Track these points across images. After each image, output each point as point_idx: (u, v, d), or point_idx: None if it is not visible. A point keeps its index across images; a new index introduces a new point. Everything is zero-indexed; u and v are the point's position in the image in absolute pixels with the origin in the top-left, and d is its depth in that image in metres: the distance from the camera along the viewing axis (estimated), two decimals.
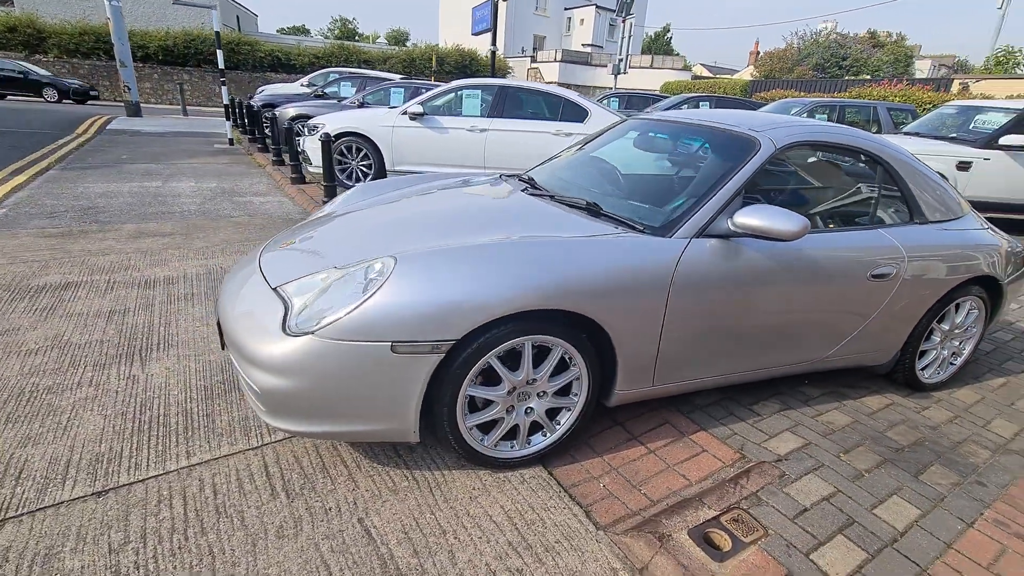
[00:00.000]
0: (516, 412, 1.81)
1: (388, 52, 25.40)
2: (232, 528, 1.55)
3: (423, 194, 2.60)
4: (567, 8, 39.87)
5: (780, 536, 1.65)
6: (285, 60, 22.48)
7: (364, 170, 6.32)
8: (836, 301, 2.21)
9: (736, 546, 1.59)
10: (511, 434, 1.85)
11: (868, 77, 23.31)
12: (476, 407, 1.77)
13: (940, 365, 2.68)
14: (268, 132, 9.12)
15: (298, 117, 8.07)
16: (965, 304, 2.59)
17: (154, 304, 3.04)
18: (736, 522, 1.68)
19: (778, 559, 1.56)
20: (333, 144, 5.68)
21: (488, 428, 1.82)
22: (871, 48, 31.08)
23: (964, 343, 2.73)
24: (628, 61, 17.84)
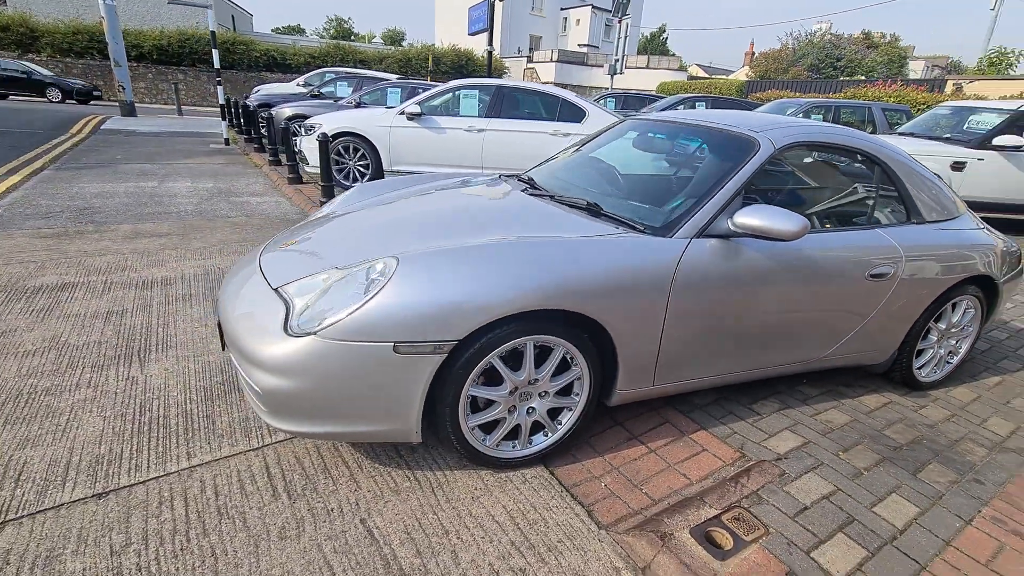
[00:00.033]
0: (518, 412, 1.82)
1: (384, 52, 25.36)
2: (234, 529, 1.55)
3: (423, 194, 2.60)
4: (563, 8, 39.93)
5: (781, 534, 1.66)
6: (281, 60, 22.41)
7: (361, 170, 6.31)
8: (835, 301, 2.23)
9: (737, 545, 1.60)
10: (513, 434, 1.86)
11: (863, 78, 23.44)
12: (478, 407, 1.77)
13: (937, 364, 2.70)
14: (264, 132, 9.08)
15: (295, 117, 8.05)
16: (961, 303, 2.61)
17: (152, 305, 3.03)
18: (737, 521, 1.69)
19: (779, 557, 1.57)
20: (330, 144, 5.66)
21: (490, 428, 1.82)
22: (865, 49, 31.25)
23: (960, 342, 2.75)
24: (624, 61, 17.89)
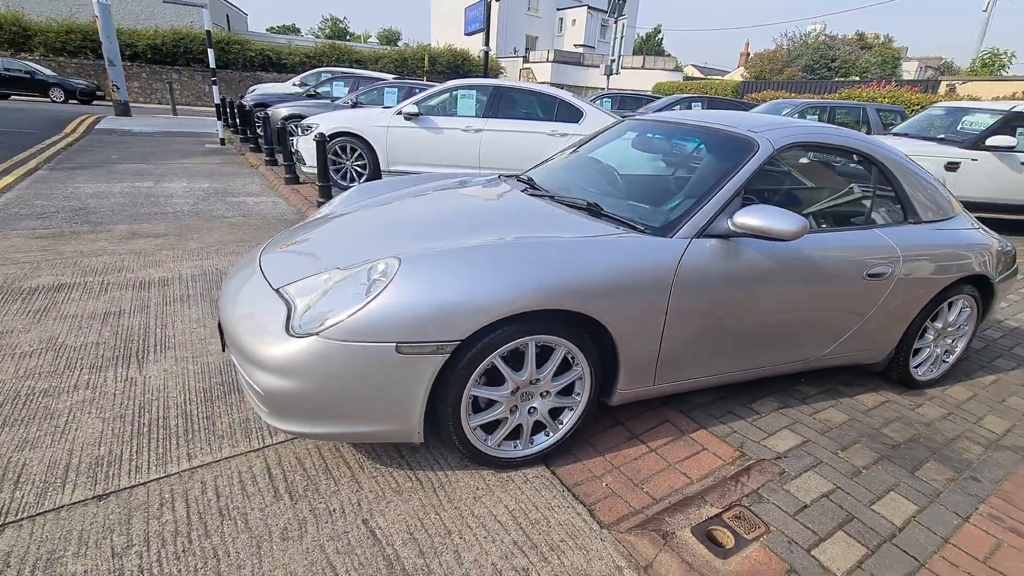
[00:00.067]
0: (519, 412, 1.82)
1: (380, 52, 25.31)
2: (236, 530, 1.54)
3: (422, 195, 2.59)
4: (559, 9, 39.96)
5: (782, 532, 1.67)
6: (276, 59, 22.32)
7: (359, 170, 6.30)
8: (834, 300, 2.24)
9: (739, 543, 1.61)
10: (514, 434, 1.86)
11: (857, 79, 23.58)
12: (479, 407, 1.78)
13: (933, 363, 2.73)
14: (260, 132, 9.05)
15: (291, 117, 8.02)
16: (958, 302, 2.63)
17: (149, 306, 3.01)
18: (738, 519, 1.70)
19: (780, 555, 1.58)
20: (328, 144, 5.65)
21: (491, 428, 1.82)
22: (859, 50, 31.46)
23: (956, 341, 2.78)
24: (620, 62, 17.91)
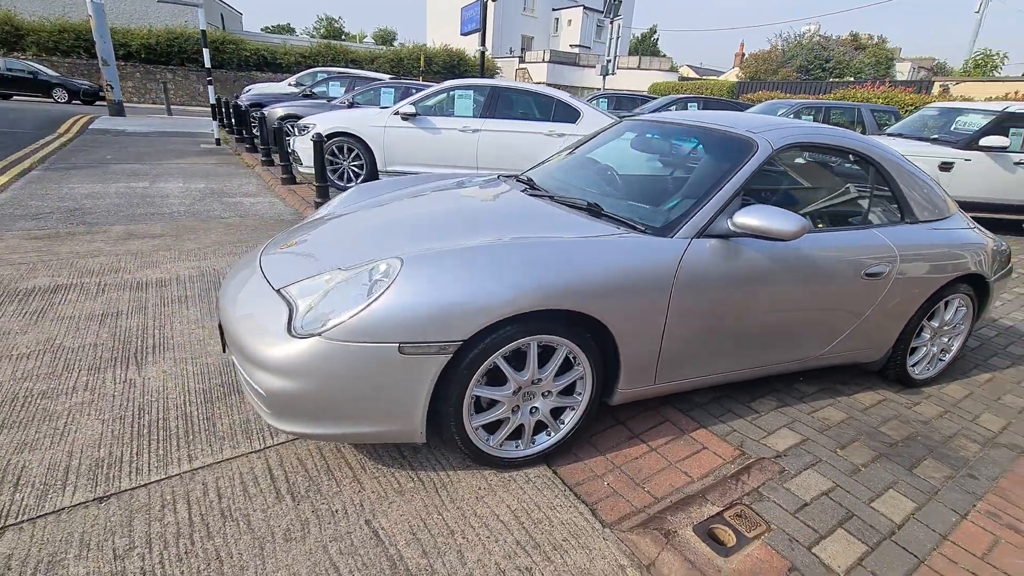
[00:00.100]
0: (521, 412, 1.82)
1: (375, 52, 25.26)
2: (239, 532, 1.54)
3: (422, 195, 2.59)
4: (555, 9, 40.00)
5: (783, 530, 1.68)
6: (271, 59, 22.23)
7: (355, 170, 6.29)
8: (832, 300, 2.26)
9: (740, 541, 1.62)
10: (516, 434, 1.86)
11: (851, 79, 23.73)
12: (481, 407, 1.78)
13: (930, 361, 2.75)
14: (256, 132, 9.02)
15: (287, 117, 8.01)
16: (954, 301, 2.65)
17: (147, 307, 3.00)
18: (739, 517, 1.71)
19: (782, 553, 1.59)
20: (325, 144, 5.63)
21: (493, 428, 1.83)
22: (853, 50, 31.62)
23: (952, 340, 2.80)
24: (616, 62, 17.96)
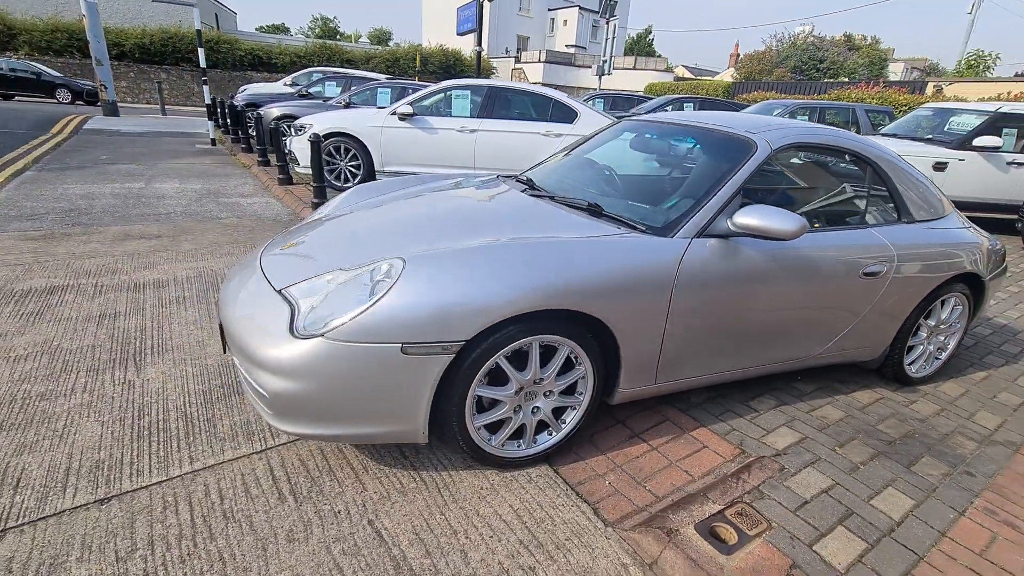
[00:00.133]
0: (523, 411, 1.83)
1: (371, 52, 25.20)
2: (241, 533, 1.54)
3: (421, 195, 2.59)
4: (550, 9, 40.03)
5: (783, 528, 1.69)
6: (266, 59, 22.15)
7: (353, 171, 6.27)
8: (830, 299, 2.27)
9: (742, 539, 1.62)
10: (518, 433, 1.87)
11: (846, 80, 23.86)
12: (483, 407, 1.78)
13: (926, 360, 2.77)
14: (252, 132, 8.98)
15: (283, 117, 7.98)
16: (950, 300, 2.68)
17: (145, 308, 2.98)
18: (740, 516, 1.72)
19: (783, 551, 1.60)
20: (322, 144, 5.62)
21: (495, 428, 1.83)
22: (847, 51, 31.81)
23: (949, 338, 2.82)
24: (612, 62, 17.99)
